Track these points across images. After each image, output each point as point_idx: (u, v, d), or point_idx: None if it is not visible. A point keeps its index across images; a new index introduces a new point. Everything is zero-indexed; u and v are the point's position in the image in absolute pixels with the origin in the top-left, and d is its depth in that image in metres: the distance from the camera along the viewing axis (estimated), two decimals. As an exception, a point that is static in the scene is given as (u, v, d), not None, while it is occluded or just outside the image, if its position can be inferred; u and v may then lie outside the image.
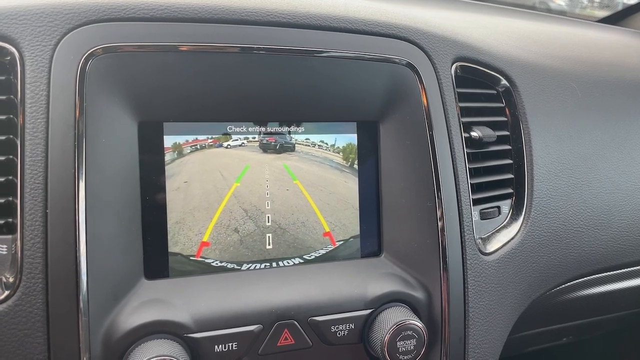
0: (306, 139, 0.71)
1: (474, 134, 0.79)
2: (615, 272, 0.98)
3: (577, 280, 0.93)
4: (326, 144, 0.72)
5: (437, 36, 0.77)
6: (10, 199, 0.58)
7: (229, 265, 0.68)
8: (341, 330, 0.67)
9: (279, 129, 0.70)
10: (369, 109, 0.73)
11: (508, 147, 0.84)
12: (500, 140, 0.82)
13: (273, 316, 0.64)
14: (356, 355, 0.69)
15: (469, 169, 0.76)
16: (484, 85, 0.84)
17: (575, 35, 1.20)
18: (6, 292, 0.56)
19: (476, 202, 0.78)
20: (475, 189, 0.78)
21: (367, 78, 0.71)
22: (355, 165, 0.74)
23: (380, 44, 0.71)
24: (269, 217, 0.70)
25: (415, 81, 0.72)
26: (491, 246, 0.79)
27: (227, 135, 0.68)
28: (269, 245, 0.70)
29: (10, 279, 0.56)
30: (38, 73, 0.58)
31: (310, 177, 0.72)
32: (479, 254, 0.76)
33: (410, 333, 0.66)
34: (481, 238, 0.78)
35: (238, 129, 0.68)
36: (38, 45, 0.58)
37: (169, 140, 0.65)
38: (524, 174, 0.83)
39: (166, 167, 0.65)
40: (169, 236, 0.65)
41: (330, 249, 0.73)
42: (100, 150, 0.59)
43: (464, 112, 0.78)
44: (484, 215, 0.80)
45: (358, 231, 0.74)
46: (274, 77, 0.67)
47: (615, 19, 1.58)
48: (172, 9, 0.63)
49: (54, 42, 0.59)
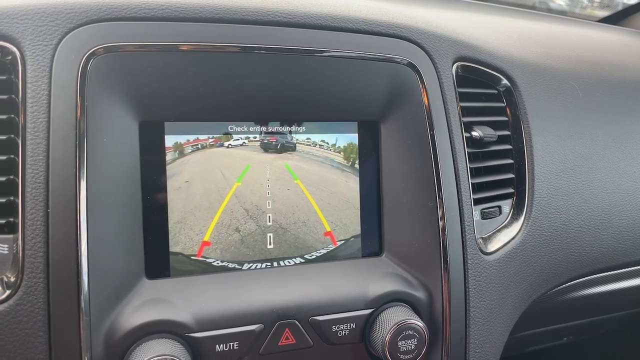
0: (307, 139, 0.71)
1: (474, 133, 0.79)
2: (616, 272, 0.98)
3: (578, 280, 0.93)
4: (327, 143, 0.72)
5: (438, 36, 0.77)
6: (12, 198, 0.58)
7: (230, 265, 0.68)
8: (342, 330, 0.67)
9: (280, 129, 0.70)
10: (370, 108, 0.73)
11: (509, 147, 0.84)
12: (501, 139, 0.82)
13: (274, 316, 0.64)
14: (357, 354, 0.69)
15: (470, 169, 0.76)
16: (484, 84, 0.84)
17: (576, 35, 1.20)
18: (7, 292, 0.56)
19: (477, 202, 0.78)
20: (476, 188, 0.78)
21: (368, 78, 0.71)
22: (356, 165, 0.74)
23: (381, 44, 0.71)
24: (270, 217, 0.70)
25: (416, 81, 0.72)
26: (492, 246, 0.79)
27: (228, 134, 0.68)
28: (270, 244, 0.70)
29: (12, 279, 0.56)
30: (39, 72, 0.58)
31: (311, 177, 0.72)
32: (480, 253, 0.76)
33: (411, 333, 0.66)
34: (482, 238, 0.78)
35: (239, 129, 0.68)
36: (39, 44, 0.58)
37: (170, 140, 0.65)
38: (525, 174, 0.83)
39: (167, 167, 0.65)
40: (170, 236, 0.65)
41: (331, 248, 0.73)
42: (101, 150, 0.59)
43: (465, 112, 0.78)
44: (484, 215, 0.80)
45: (359, 231, 0.74)
46: (275, 77, 0.67)
47: (615, 19, 1.58)
48: (173, 8, 0.63)
49: (55, 42, 0.59)
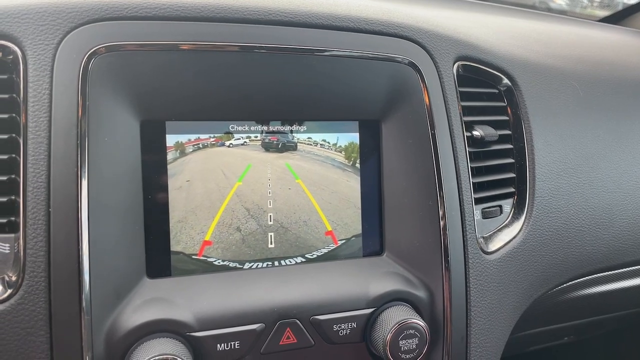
0: (308, 138, 0.71)
1: (475, 133, 0.79)
2: (616, 272, 0.98)
3: (579, 280, 0.93)
4: (328, 143, 0.72)
5: (439, 35, 0.77)
6: (13, 197, 0.58)
7: (231, 264, 0.68)
8: (343, 329, 0.67)
9: (281, 128, 0.70)
10: (371, 108, 0.73)
11: (510, 146, 0.84)
12: (502, 139, 0.82)
13: (275, 315, 0.64)
14: (358, 354, 0.69)
15: (471, 168, 0.76)
16: (485, 84, 0.84)
17: (577, 34, 1.20)
18: (9, 291, 0.56)
19: (478, 201, 0.78)
20: (477, 188, 0.79)
21: (369, 77, 0.71)
22: (357, 164, 0.74)
23: (382, 43, 0.71)
24: (271, 216, 0.70)
25: (417, 80, 0.72)
26: (493, 245, 0.79)
27: (230, 134, 0.68)
28: (271, 244, 0.70)
29: (13, 278, 0.56)
30: (40, 72, 0.58)
31: (312, 176, 0.71)
32: (481, 253, 0.76)
33: (412, 332, 0.66)
34: (483, 237, 0.78)
35: (240, 128, 0.68)
36: (40, 43, 0.58)
37: (171, 139, 0.65)
38: (526, 173, 0.83)
39: (168, 166, 0.65)
40: (171, 235, 0.65)
41: (332, 248, 0.73)
42: (102, 149, 0.59)
43: (466, 111, 0.78)
44: (485, 215, 0.80)
45: (360, 230, 0.74)
46: (276, 76, 0.67)
47: (616, 19, 1.58)
48: (175, 7, 0.63)
49: (57, 41, 0.59)
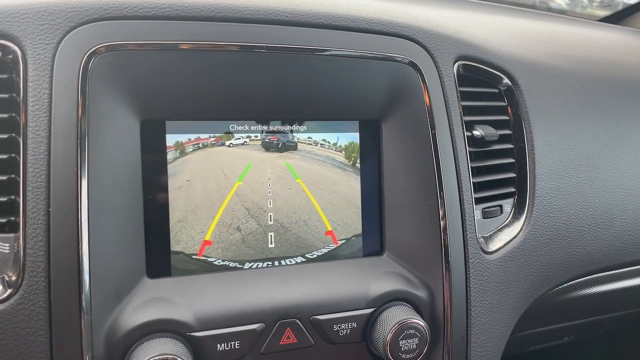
0: (308, 138, 0.71)
1: (476, 132, 0.78)
2: (617, 271, 0.98)
3: (579, 279, 0.93)
4: (328, 142, 0.72)
5: (440, 35, 0.76)
6: (13, 197, 0.58)
7: (231, 264, 0.68)
8: (343, 329, 0.67)
9: (281, 128, 0.70)
10: (371, 107, 0.73)
11: (510, 146, 0.84)
12: (502, 139, 0.82)
13: (275, 315, 0.64)
14: (358, 354, 0.69)
15: (471, 168, 0.76)
16: (486, 84, 0.84)
17: (577, 34, 1.20)
18: (8, 291, 0.56)
19: (478, 201, 0.78)
20: (478, 187, 0.78)
21: (370, 77, 0.71)
22: (358, 164, 0.74)
23: (382, 43, 0.71)
24: (271, 216, 0.70)
25: (417, 80, 0.72)
26: (493, 245, 0.79)
27: (230, 133, 0.68)
28: (271, 244, 0.70)
29: (13, 278, 0.56)
30: (40, 71, 0.58)
31: (313, 176, 0.71)
32: (481, 252, 0.76)
33: (412, 332, 0.66)
34: (483, 237, 0.78)
35: (240, 128, 0.68)
36: (40, 43, 0.58)
37: (171, 139, 0.65)
38: (526, 173, 0.83)
39: (168, 166, 0.65)
40: (171, 235, 0.65)
41: (332, 247, 0.72)
42: (102, 149, 0.59)
43: (466, 111, 0.78)
44: (486, 214, 0.80)
45: (360, 230, 0.74)
46: (276, 76, 0.67)
47: (616, 19, 1.58)
48: (175, 7, 0.63)
49: (57, 41, 0.59)
